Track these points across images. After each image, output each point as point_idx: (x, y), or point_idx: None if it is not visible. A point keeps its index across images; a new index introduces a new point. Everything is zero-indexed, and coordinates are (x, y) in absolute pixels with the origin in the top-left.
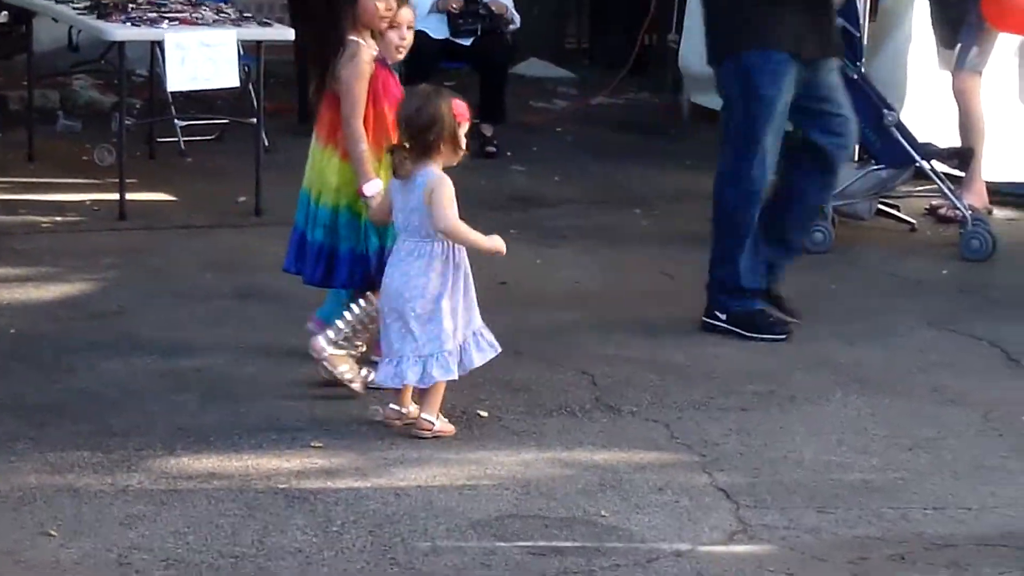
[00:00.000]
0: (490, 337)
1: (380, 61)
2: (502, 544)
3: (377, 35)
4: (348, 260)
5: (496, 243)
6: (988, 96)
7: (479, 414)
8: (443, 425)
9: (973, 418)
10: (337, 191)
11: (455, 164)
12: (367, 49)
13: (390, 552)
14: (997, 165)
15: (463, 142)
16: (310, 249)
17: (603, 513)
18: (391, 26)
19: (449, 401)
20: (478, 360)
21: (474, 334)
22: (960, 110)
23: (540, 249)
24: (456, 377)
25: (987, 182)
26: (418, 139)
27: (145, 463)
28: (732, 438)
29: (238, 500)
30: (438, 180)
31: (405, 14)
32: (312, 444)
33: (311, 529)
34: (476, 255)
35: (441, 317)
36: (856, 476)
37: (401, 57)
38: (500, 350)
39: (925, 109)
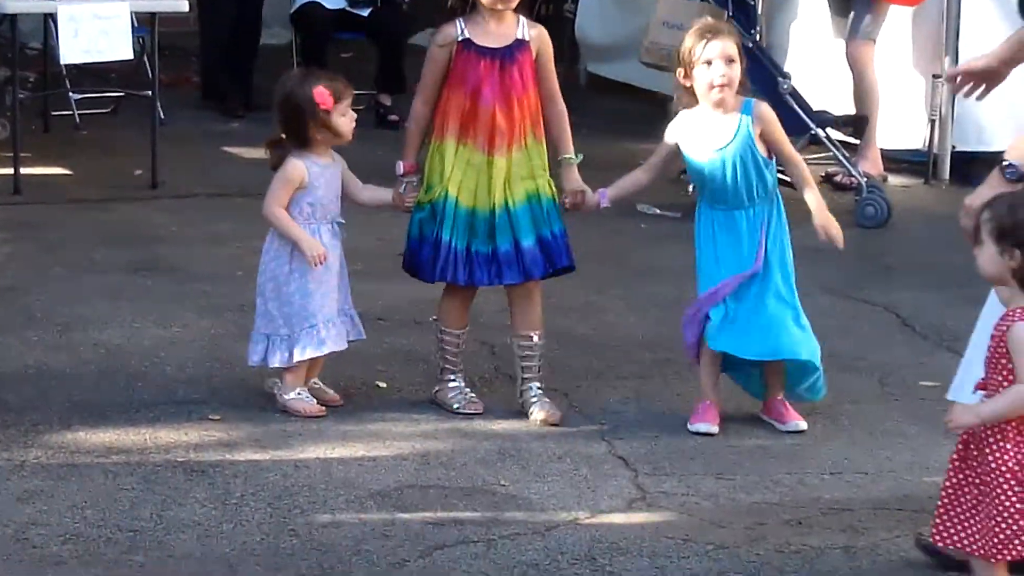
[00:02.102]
0: (353, 324)
1: (472, 45)
2: (402, 515)
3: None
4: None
5: (311, 249)
6: (882, 64)
7: (378, 385)
8: (297, 403)
9: (869, 383)
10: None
11: (345, 144)
12: (446, 31)
13: (289, 524)
14: (891, 132)
15: (337, 127)
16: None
17: (502, 482)
18: (704, 62)
19: (348, 372)
20: (332, 345)
21: (344, 314)
22: (854, 78)
23: None
24: (306, 358)
25: (882, 149)
26: (289, 129)
27: (42, 438)
28: (631, 406)
29: (136, 474)
30: (283, 165)
31: (715, 48)
32: (210, 417)
33: (210, 502)
34: (379, 226)
35: (293, 299)
36: (753, 442)
37: (716, 97)
38: (363, 337)
39: (819, 77)
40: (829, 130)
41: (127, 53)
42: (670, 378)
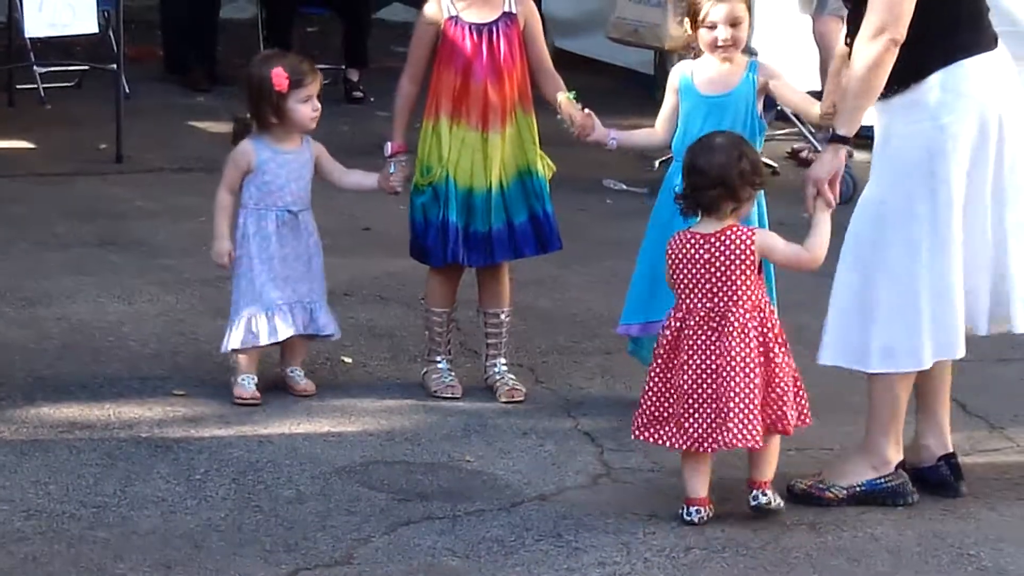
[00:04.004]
0: (324, 319)
1: (460, 21)
2: (366, 490)
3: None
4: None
5: (216, 246)
6: None
7: (343, 360)
8: (235, 387)
9: None
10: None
11: (308, 130)
12: (432, 8)
13: (253, 500)
14: None
15: (291, 114)
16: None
17: (468, 458)
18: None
19: (314, 348)
20: (266, 338)
21: (302, 306)
22: (821, 54)
23: (405, 196)
24: (235, 347)
25: None
26: (251, 109)
27: (5, 413)
28: (596, 381)
29: (99, 450)
30: (236, 147)
31: (720, 12)
32: (174, 392)
33: (174, 478)
34: (344, 202)
35: (240, 284)
36: None
37: (720, 56)
38: (329, 334)
39: (787, 53)
40: None
41: (92, 27)
42: None
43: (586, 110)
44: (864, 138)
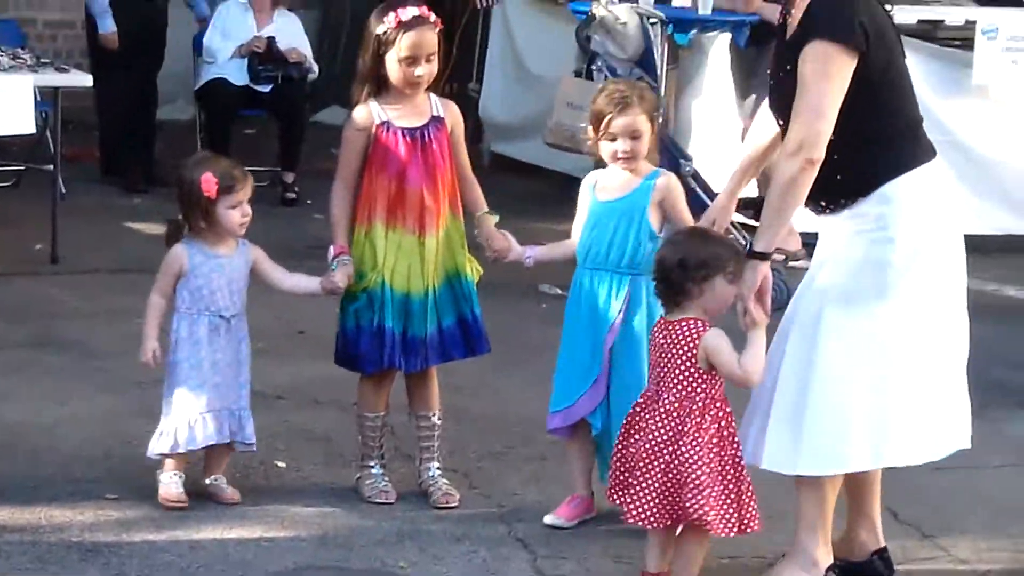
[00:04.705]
0: (250, 428)
1: (392, 127)
2: None
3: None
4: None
5: (142, 347)
6: None
7: (277, 465)
8: (161, 488)
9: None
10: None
11: (237, 235)
12: (361, 114)
13: None
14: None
15: (220, 219)
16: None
17: (401, 564)
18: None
19: (247, 454)
20: (185, 445)
21: (231, 414)
22: None
23: (339, 298)
24: (157, 452)
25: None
26: (182, 212)
27: None
28: (530, 487)
29: (29, 553)
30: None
31: (620, 124)
32: (107, 496)
33: None
34: (279, 305)
35: (167, 391)
36: None
37: (620, 167)
38: (250, 443)
39: (723, 159)
40: None
41: (29, 127)
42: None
43: (503, 232)
44: (813, 246)
